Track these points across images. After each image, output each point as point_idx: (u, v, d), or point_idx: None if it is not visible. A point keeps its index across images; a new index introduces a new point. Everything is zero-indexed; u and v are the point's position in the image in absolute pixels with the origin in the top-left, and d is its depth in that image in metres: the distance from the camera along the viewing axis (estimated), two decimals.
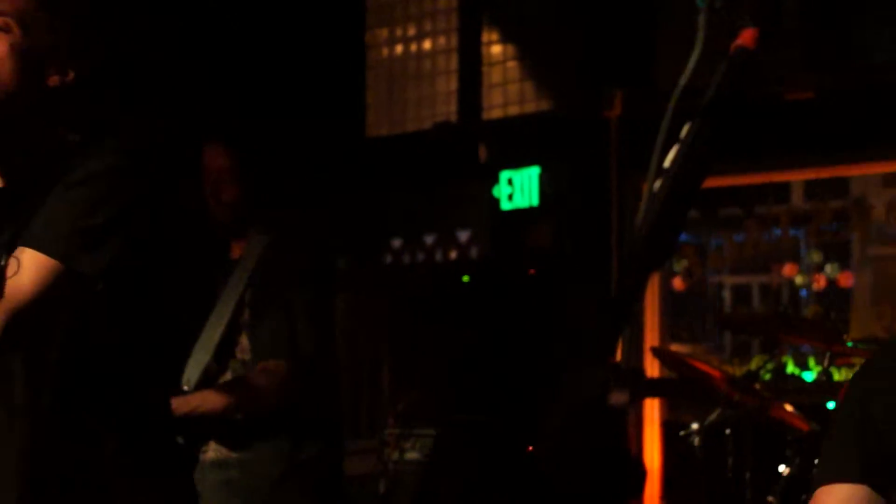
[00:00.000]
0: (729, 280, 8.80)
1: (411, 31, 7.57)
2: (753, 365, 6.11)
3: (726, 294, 8.87)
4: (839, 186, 7.41)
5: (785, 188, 7.72)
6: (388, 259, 7.16)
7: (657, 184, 1.72)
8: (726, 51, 1.55)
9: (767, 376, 5.50)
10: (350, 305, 7.19)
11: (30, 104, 2.09)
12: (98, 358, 2.13)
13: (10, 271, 2.00)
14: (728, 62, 1.54)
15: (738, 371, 6.08)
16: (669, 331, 6.98)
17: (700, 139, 1.55)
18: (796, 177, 7.18)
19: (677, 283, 7.60)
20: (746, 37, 1.54)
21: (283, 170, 6.85)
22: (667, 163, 1.72)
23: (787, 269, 7.63)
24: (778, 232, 7.63)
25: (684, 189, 1.62)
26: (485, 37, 7.23)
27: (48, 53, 2.09)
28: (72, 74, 2.11)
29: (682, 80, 1.51)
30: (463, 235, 6.85)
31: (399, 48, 7.62)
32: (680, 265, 7.59)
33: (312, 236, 6.95)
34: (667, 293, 7.02)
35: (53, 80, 2.10)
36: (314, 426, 3.66)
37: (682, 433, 4.70)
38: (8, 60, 2.06)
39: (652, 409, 6.29)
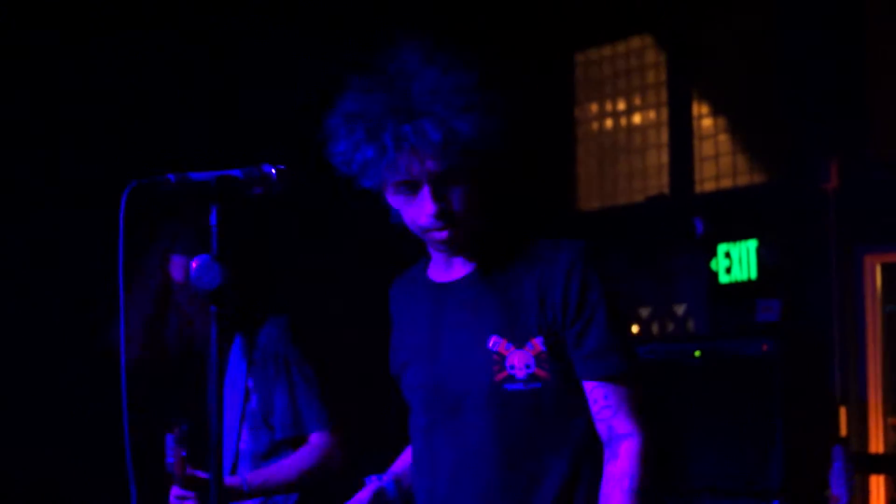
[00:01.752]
0: None
1: (621, 106, 7.67)
2: None
3: None
4: None
5: None
6: None
7: None
8: None
9: None
10: None
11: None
12: None
13: (606, 401, 2.50)
14: None
15: None
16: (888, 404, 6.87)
17: None
18: None
19: None
20: None
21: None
22: None
23: None
24: None
25: None
26: (695, 110, 7.29)
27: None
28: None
29: None
30: (679, 309, 6.87)
31: (609, 122, 7.73)
32: None
33: None
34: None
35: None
36: None
37: None
38: (476, 198, 2.49)
39: (878, 487, 6.19)
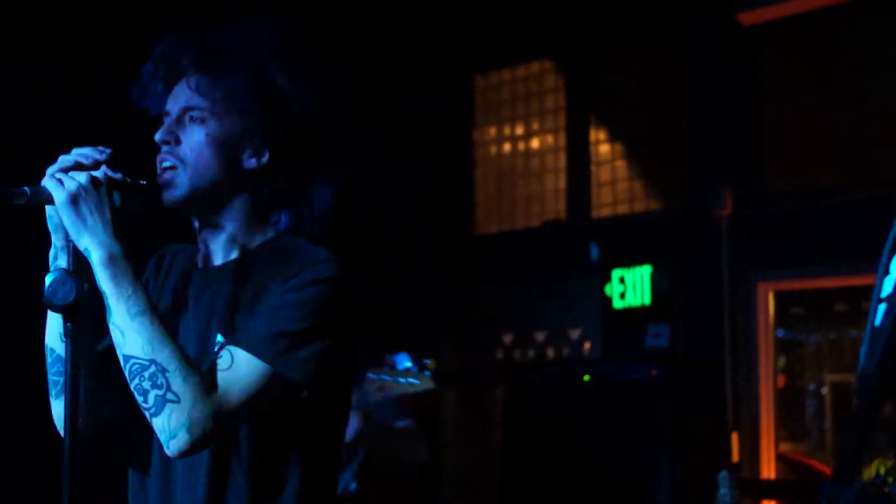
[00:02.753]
0: (830, 378, 8.75)
1: (519, 130, 7.69)
2: (878, 469, 6.05)
3: (826, 391, 8.81)
4: None
5: None
6: (500, 355, 7.21)
7: (879, 313, 1.77)
8: None
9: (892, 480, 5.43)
10: (462, 401, 7.25)
11: (231, 186, 2.26)
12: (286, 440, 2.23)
13: (222, 363, 2.12)
14: None
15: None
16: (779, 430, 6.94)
17: None
18: None
19: (780, 380, 7.57)
20: None
21: (393, 266, 6.99)
22: (885, 291, 1.77)
23: None
24: None
25: None
26: (592, 136, 7.33)
27: (241, 138, 2.25)
28: (267, 155, 2.27)
29: None
30: (574, 333, 6.89)
31: (507, 146, 7.74)
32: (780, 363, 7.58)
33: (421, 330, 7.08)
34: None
35: (250, 163, 2.26)
36: None
37: None
38: (206, 148, 2.23)
39: None
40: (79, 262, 2.09)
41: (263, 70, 2.25)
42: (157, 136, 2.26)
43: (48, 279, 2.05)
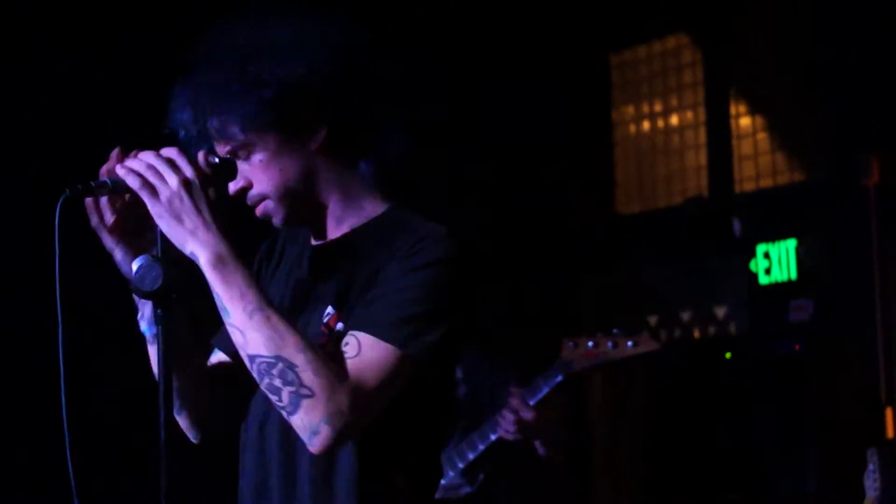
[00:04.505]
0: None
1: (658, 107, 7.58)
2: None
3: None
4: None
5: None
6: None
7: None
8: None
9: None
10: (607, 384, 7.19)
11: (310, 175, 2.24)
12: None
13: (350, 350, 2.08)
14: None
15: None
16: None
17: None
18: None
19: None
20: None
21: (537, 251, 6.97)
22: None
23: None
24: None
25: None
26: (733, 109, 7.18)
27: (288, 137, 2.22)
28: (323, 129, 2.23)
29: None
30: (720, 311, 6.77)
31: (646, 124, 7.64)
32: None
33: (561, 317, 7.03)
34: None
35: (314, 144, 2.24)
36: None
37: None
38: (270, 170, 2.22)
39: None
40: (167, 247, 2.10)
41: (256, 69, 2.18)
42: (231, 191, 2.24)
43: (135, 265, 2.07)
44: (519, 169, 7.02)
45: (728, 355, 5.57)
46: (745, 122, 7.14)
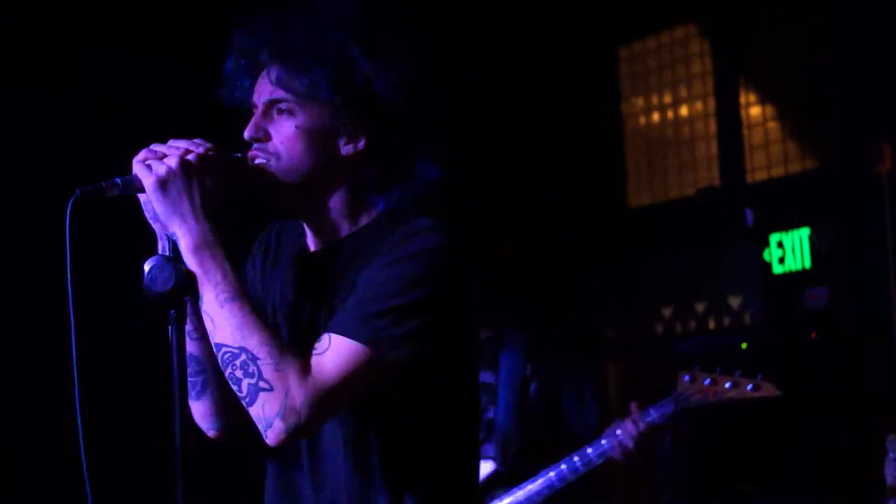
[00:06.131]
0: None
1: (667, 99, 7.55)
2: None
3: None
4: None
5: None
6: (660, 329, 7.11)
7: None
8: None
9: None
10: (623, 377, 7.18)
11: (328, 175, 2.21)
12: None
13: (318, 348, 2.08)
14: None
15: None
16: None
17: None
18: None
19: None
20: None
21: (548, 246, 6.95)
22: None
23: None
24: None
25: None
26: (742, 99, 7.15)
27: (333, 127, 2.20)
28: (363, 141, 2.21)
29: None
30: (735, 302, 6.75)
31: (656, 116, 7.61)
32: None
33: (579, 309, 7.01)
34: None
35: (346, 150, 2.21)
36: None
37: None
38: (298, 140, 2.18)
39: None
40: (179, 248, 2.10)
41: (346, 55, 2.18)
42: (246, 133, 2.22)
43: (146, 266, 2.06)
44: (529, 164, 7.00)
45: (744, 345, 5.55)
46: (755, 111, 7.11)
